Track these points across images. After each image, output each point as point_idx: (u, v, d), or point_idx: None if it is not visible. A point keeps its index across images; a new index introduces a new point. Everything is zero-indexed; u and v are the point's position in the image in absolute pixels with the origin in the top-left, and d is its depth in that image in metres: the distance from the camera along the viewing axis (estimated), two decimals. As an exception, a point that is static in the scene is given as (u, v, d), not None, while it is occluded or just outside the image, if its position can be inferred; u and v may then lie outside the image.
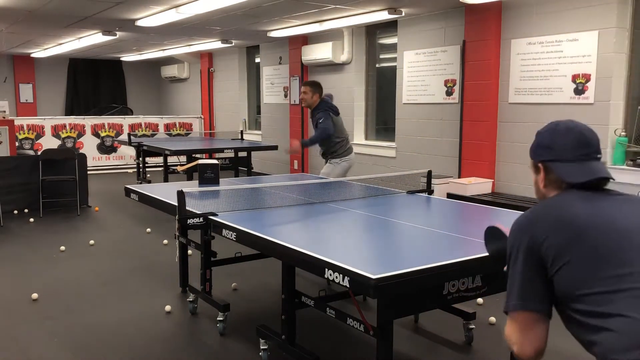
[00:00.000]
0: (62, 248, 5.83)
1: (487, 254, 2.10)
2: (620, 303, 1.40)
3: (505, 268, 1.63)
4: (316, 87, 5.90)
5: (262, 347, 3.34)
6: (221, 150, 8.57)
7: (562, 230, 1.49)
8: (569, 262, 1.46)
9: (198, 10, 6.97)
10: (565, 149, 1.62)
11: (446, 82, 7.24)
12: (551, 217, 1.52)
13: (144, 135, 12.18)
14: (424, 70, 7.55)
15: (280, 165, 10.52)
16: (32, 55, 13.24)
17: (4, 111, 8.32)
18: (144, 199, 4.08)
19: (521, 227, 1.57)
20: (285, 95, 10.35)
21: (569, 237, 1.47)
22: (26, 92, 13.93)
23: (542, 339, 1.51)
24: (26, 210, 7.58)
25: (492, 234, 2.03)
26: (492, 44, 6.55)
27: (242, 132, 10.51)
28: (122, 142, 10.44)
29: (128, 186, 4.39)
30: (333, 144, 5.82)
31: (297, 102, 9.78)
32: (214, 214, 3.31)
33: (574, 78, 5.85)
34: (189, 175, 6.71)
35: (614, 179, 1.64)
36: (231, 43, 10.66)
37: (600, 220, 1.49)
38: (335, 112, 5.88)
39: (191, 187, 4.28)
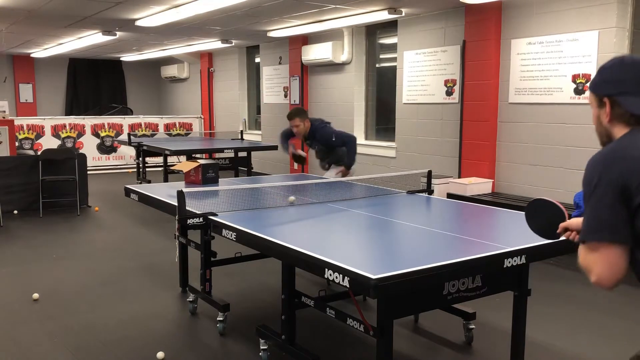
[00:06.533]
0: (62, 248, 5.82)
1: (488, 253, 2.09)
2: None
3: (558, 231, 1.84)
4: (303, 113, 5.69)
5: (262, 347, 3.35)
6: (221, 150, 8.57)
7: None
8: None
9: (198, 10, 6.97)
10: (633, 83, 1.62)
11: (446, 82, 7.24)
12: (634, 157, 1.52)
13: (144, 135, 12.18)
14: (424, 70, 7.55)
15: (280, 165, 10.52)
16: (32, 55, 13.24)
17: (4, 111, 8.32)
18: (144, 199, 4.08)
19: (606, 161, 1.55)
20: (285, 95, 10.35)
21: None
22: (26, 92, 13.93)
23: (624, 270, 1.52)
24: (26, 211, 7.59)
25: (537, 207, 2.07)
26: (492, 44, 6.55)
27: (242, 132, 10.52)
28: (122, 142, 10.44)
29: (128, 186, 4.39)
30: (338, 154, 5.60)
31: (297, 101, 9.79)
32: (214, 214, 3.31)
33: (574, 78, 5.85)
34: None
35: None
36: (231, 43, 10.66)
37: None
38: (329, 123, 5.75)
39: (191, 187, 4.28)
